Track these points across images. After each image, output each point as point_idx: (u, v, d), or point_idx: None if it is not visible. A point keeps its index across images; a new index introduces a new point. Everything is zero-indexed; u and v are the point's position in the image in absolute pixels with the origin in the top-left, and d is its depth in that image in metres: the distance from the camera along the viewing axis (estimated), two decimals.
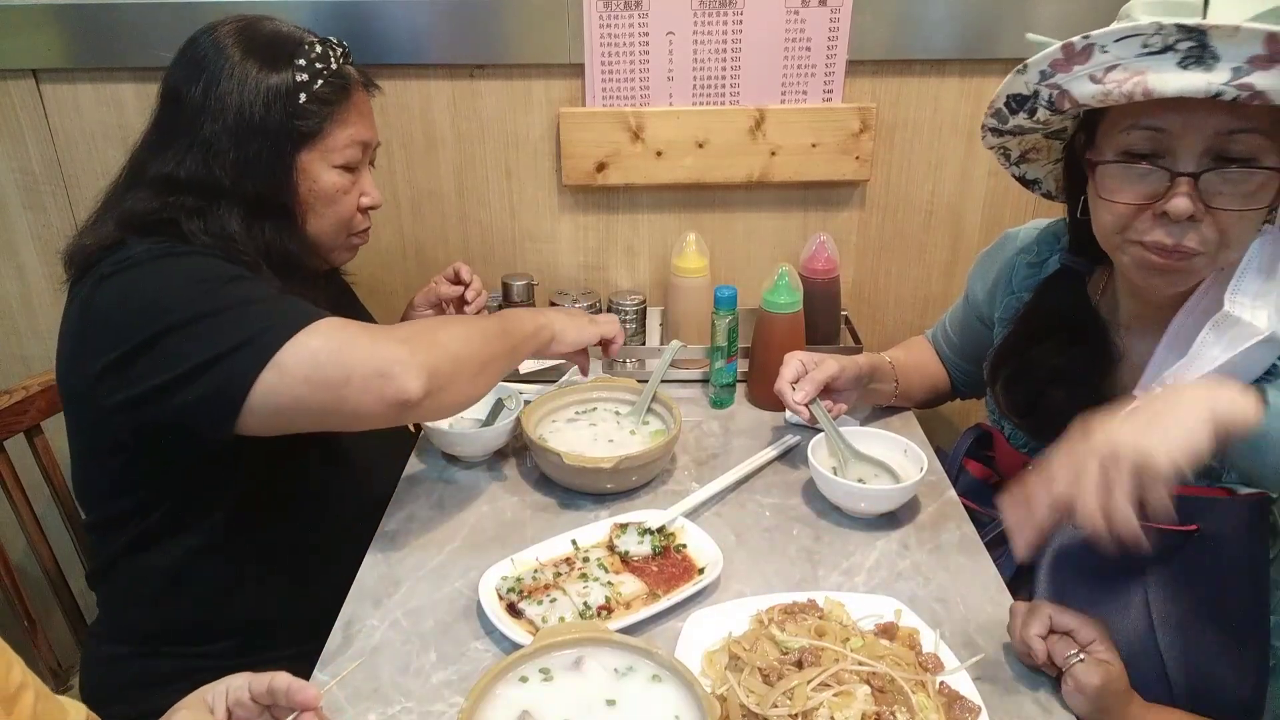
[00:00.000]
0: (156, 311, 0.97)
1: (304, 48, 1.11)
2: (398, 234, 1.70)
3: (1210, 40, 0.85)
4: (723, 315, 1.40)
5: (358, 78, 1.18)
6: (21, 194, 1.65)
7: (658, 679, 0.85)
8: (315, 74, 1.11)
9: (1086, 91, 0.95)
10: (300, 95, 1.09)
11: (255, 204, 1.09)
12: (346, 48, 1.18)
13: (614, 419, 1.36)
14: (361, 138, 1.17)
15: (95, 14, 1.50)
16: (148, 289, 1.00)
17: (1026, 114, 1.03)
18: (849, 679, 0.86)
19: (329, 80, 1.12)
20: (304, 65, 1.10)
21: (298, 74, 1.09)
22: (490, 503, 1.24)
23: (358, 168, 1.19)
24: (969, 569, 1.10)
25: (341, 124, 1.14)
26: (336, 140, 1.14)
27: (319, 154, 1.13)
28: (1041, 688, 0.92)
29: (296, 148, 1.11)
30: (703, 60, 1.55)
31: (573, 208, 1.68)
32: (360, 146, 1.17)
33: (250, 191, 1.09)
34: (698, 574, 1.07)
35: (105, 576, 1.19)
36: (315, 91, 1.10)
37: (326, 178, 1.14)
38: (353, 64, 1.18)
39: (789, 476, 1.29)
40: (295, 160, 1.11)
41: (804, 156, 1.61)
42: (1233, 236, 0.95)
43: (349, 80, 1.15)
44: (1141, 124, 0.96)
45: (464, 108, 1.60)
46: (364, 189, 1.21)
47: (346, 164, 1.16)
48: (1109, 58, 0.92)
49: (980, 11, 1.51)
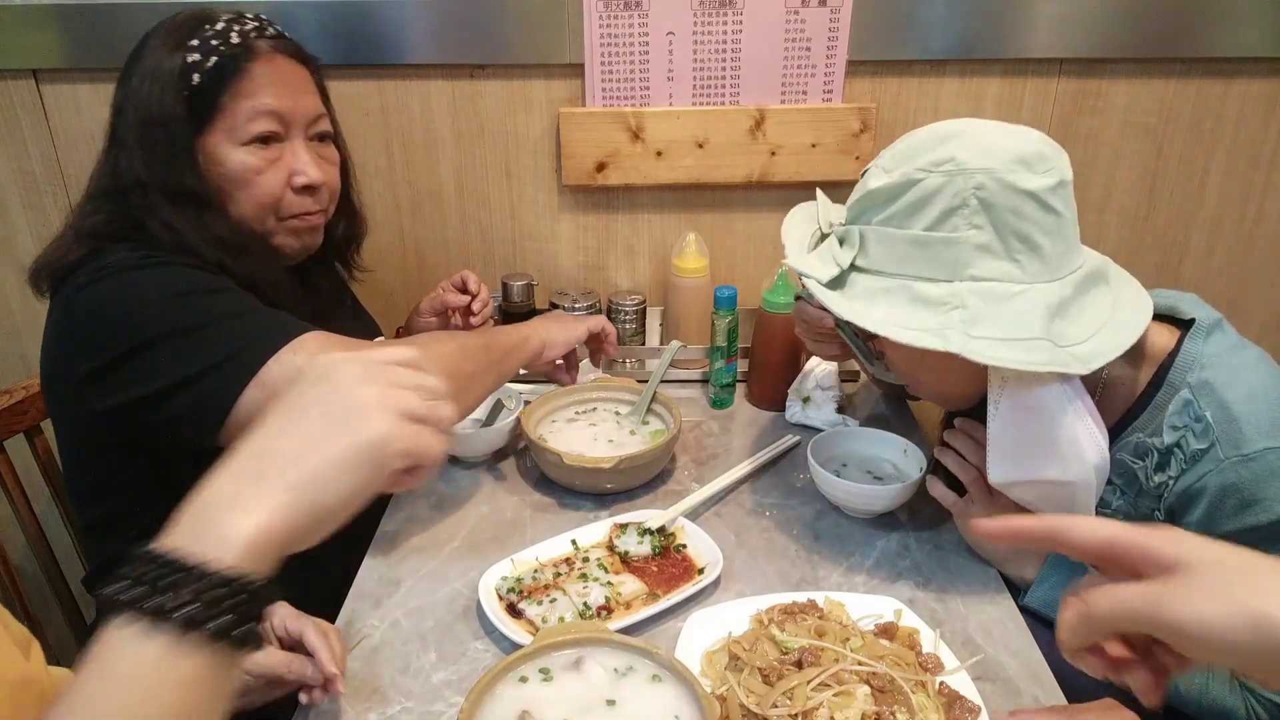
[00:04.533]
0: (139, 322, 0.97)
1: (204, 28, 1.06)
2: (398, 234, 1.70)
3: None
4: (723, 315, 1.40)
5: (268, 47, 1.09)
6: (21, 194, 1.65)
7: (657, 679, 0.85)
8: (209, 51, 1.05)
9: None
10: (194, 75, 1.04)
11: (174, 195, 1.05)
12: (266, 21, 1.12)
13: (614, 419, 1.36)
14: (268, 107, 1.08)
15: (95, 14, 1.50)
16: (130, 298, 1.00)
17: None
18: (849, 679, 0.86)
19: (223, 54, 1.05)
20: (197, 45, 1.05)
21: (189, 54, 1.05)
22: (490, 503, 1.24)
23: (279, 142, 1.11)
24: (969, 569, 1.10)
25: (242, 96, 1.06)
26: (237, 115, 1.07)
27: (222, 134, 1.07)
28: (1041, 687, 0.92)
29: (194, 131, 1.06)
30: (703, 60, 1.55)
31: (573, 208, 1.68)
32: (271, 117, 1.08)
33: (164, 183, 1.05)
34: (698, 574, 1.07)
35: (102, 579, 1.19)
36: (208, 68, 1.05)
37: (234, 158, 1.08)
38: (272, 35, 1.11)
39: (789, 476, 1.29)
40: (195, 144, 1.06)
41: (804, 156, 1.61)
42: None
43: (250, 51, 1.07)
44: None
45: (464, 108, 1.60)
46: (294, 167, 1.12)
47: (256, 138, 1.08)
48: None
49: (980, 11, 1.51)
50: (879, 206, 0.98)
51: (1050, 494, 0.99)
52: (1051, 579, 1.04)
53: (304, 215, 1.15)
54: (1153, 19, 1.51)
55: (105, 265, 1.01)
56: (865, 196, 1.00)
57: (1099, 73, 1.56)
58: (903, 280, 0.96)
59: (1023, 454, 0.98)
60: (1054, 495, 0.99)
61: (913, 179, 0.94)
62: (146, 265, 1.02)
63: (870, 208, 0.99)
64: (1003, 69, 1.56)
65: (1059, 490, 0.98)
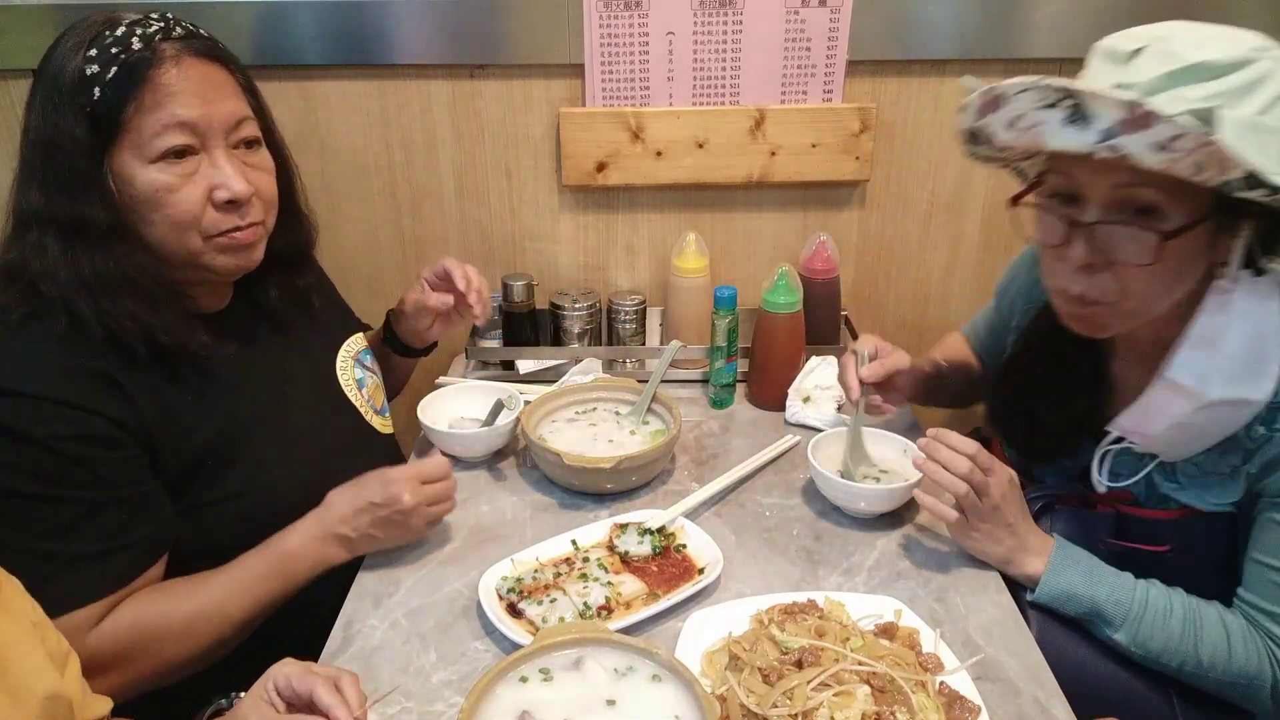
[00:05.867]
0: None
1: (104, 34, 0.97)
2: (398, 234, 1.70)
3: (1084, 102, 0.86)
4: (723, 315, 1.40)
5: (174, 50, 0.98)
6: None
7: (657, 679, 0.85)
8: (110, 61, 0.95)
9: (1005, 137, 0.97)
10: (94, 89, 0.95)
11: (69, 231, 0.96)
12: (172, 20, 1.01)
13: (614, 419, 1.36)
14: (177, 118, 0.97)
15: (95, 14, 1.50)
16: None
17: (986, 146, 1.05)
18: (849, 679, 0.86)
19: (123, 63, 0.95)
20: (96, 55, 0.95)
21: (89, 66, 0.95)
22: (490, 503, 1.24)
23: (194, 156, 1.00)
24: (969, 569, 1.10)
25: (147, 109, 0.96)
26: (143, 130, 0.96)
27: (129, 152, 0.97)
28: (1041, 688, 0.92)
29: (99, 151, 0.96)
30: (703, 60, 1.55)
31: (573, 208, 1.68)
32: (180, 129, 0.97)
33: (61, 216, 0.96)
34: (698, 574, 1.07)
35: None
36: (109, 80, 0.95)
37: (143, 178, 0.97)
38: (180, 36, 1.00)
39: (789, 476, 1.29)
40: (103, 165, 0.97)
41: (804, 156, 1.61)
42: (1133, 289, 0.96)
43: (154, 56, 0.97)
44: (1060, 169, 0.98)
45: (464, 108, 1.60)
46: (214, 180, 1.00)
47: (167, 154, 0.97)
48: (1015, 108, 0.93)
49: (980, 11, 1.51)
50: (1200, 82, 0.88)
51: (1221, 416, 0.98)
52: (1063, 574, 1.04)
53: (231, 233, 1.03)
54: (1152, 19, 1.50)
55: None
56: (1191, 69, 0.89)
57: None
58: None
59: (1228, 363, 0.96)
60: (1223, 417, 0.98)
61: (1248, 59, 0.88)
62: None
63: (1189, 82, 0.89)
64: (1003, 69, 1.56)
65: (1233, 413, 0.97)
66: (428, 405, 1.35)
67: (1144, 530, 1.08)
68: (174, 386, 1.04)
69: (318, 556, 1.06)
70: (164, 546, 1.04)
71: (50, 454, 0.94)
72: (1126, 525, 1.10)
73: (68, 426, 0.95)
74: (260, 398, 1.14)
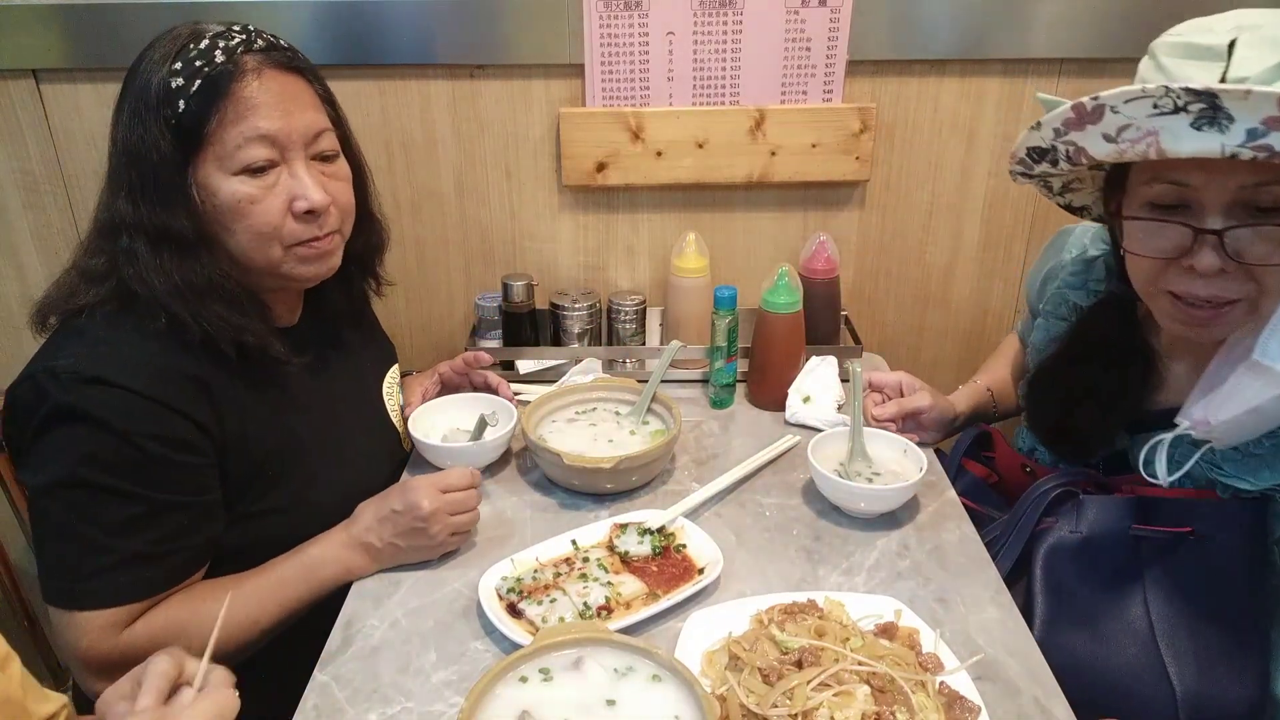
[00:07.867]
0: (32, 470, 0.98)
1: (188, 47, 0.98)
2: (398, 234, 1.69)
3: (1222, 103, 0.82)
4: (723, 315, 1.40)
5: (256, 63, 1.01)
6: (21, 194, 1.65)
7: (657, 679, 0.85)
8: (194, 74, 0.97)
9: (1102, 150, 0.93)
10: (179, 102, 0.97)
11: (157, 239, 0.99)
12: (253, 33, 1.03)
13: (614, 419, 1.36)
14: (259, 130, 0.99)
15: (95, 14, 1.50)
16: (35, 452, 0.97)
17: (1049, 164, 1.02)
18: (849, 679, 0.86)
19: (207, 76, 0.98)
20: (181, 68, 0.97)
21: (174, 79, 0.97)
22: (490, 503, 1.24)
23: (274, 169, 1.02)
24: (969, 569, 1.10)
25: (229, 122, 0.98)
26: (226, 142, 0.98)
27: (213, 164, 0.99)
28: (1041, 688, 0.92)
29: (184, 161, 0.99)
30: (703, 60, 1.55)
31: (573, 208, 1.68)
32: (262, 142, 1.00)
33: (150, 226, 0.99)
34: (698, 574, 1.07)
35: None
36: (193, 93, 0.97)
37: (225, 189, 1.00)
38: (261, 48, 1.02)
39: (789, 476, 1.29)
40: (188, 175, 0.99)
41: (804, 156, 1.61)
42: (1270, 285, 0.94)
43: (236, 69, 0.99)
44: (1166, 178, 0.95)
45: (464, 108, 1.60)
46: (294, 191, 1.03)
47: (249, 167, 1.00)
48: (1121, 118, 0.89)
49: (980, 11, 1.51)
50: None
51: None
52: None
53: (311, 243, 1.06)
54: (1152, 19, 1.49)
55: (53, 371, 0.96)
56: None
57: (1099, 72, 1.56)
58: None
59: None
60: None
61: None
62: (72, 413, 0.95)
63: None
64: (1003, 69, 1.56)
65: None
66: (419, 417, 1.31)
67: (1167, 513, 1.06)
68: (253, 395, 1.07)
69: (344, 565, 1.08)
70: (209, 555, 1.06)
71: (131, 449, 0.96)
72: (1147, 509, 1.08)
73: (153, 425, 0.97)
74: (317, 414, 1.17)
